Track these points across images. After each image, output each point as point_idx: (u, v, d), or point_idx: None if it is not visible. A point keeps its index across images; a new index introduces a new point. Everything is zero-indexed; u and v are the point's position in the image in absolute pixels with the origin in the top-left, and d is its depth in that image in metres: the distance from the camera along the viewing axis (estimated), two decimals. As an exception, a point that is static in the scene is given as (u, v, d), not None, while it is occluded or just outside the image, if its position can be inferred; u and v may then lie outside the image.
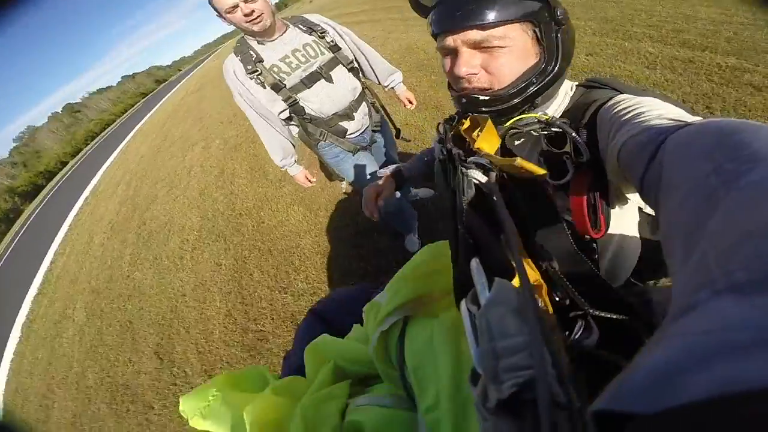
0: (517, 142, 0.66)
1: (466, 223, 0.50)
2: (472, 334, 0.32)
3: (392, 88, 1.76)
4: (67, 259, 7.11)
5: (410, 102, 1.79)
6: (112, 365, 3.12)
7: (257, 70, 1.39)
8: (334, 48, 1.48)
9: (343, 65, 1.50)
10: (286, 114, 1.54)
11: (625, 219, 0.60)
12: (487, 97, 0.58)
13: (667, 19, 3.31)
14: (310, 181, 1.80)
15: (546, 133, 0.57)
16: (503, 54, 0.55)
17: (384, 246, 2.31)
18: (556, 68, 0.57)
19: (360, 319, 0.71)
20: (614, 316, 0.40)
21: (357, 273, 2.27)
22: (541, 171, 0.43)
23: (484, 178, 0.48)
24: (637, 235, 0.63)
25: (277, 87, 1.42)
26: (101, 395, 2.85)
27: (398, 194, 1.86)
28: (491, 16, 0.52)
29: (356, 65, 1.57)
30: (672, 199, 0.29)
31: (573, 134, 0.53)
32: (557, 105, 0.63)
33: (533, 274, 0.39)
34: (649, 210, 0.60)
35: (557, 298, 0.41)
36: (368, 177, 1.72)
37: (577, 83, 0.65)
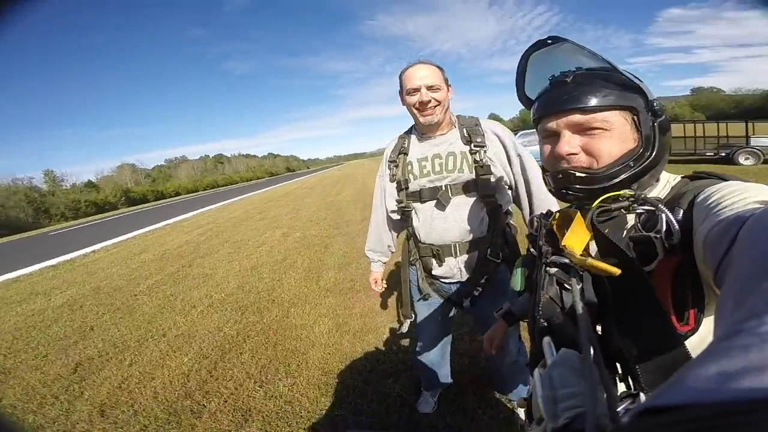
0: (607, 223, 0.61)
1: (543, 315, 0.49)
2: (540, 389, 0.36)
3: None
4: (108, 256, 7.52)
5: None
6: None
7: (396, 161, 1.34)
8: (480, 169, 1.21)
9: (477, 195, 1.22)
10: (398, 216, 1.39)
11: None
12: (583, 175, 0.59)
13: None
14: (377, 287, 1.64)
15: (638, 212, 0.55)
16: (603, 136, 0.58)
17: (393, 394, 1.89)
18: (653, 155, 0.57)
19: None
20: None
21: (349, 406, 1.83)
22: (613, 270, 0.42)
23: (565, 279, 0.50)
24: None
25: (399, 186, 1.32)
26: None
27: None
28: (593, 101, 0.56)
29: (496, 199, 1.24)
30: (733, 269, 0.28)
31: (664, 210, 0.50)
32: (656, 194, 0.61)
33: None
34: None
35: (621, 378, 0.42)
36: (436, 337, 1.49)
37: (683, 175, 0.62)
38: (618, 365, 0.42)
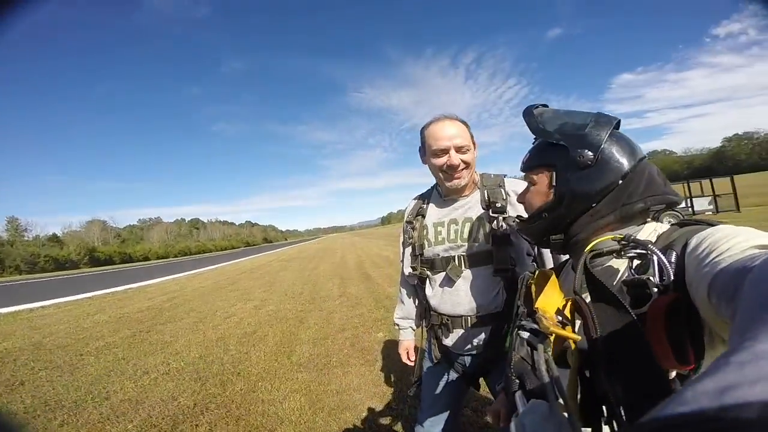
0: (600, 269, 0.62)
1: (515, 372, 0.55)
2: None
3: None
4: (58, 313, 6.83)
5: None
6: None
7: (413, 224, 1.25)
8: (498, 239, 1.10)
9: (492, 267, 1.11)
10: (414, 281, 1.30)
11: None
12: (515, 223, 0.79)
13: None
14: (409, 358, 1.41)
15: (630, 255, 0.56)
16: (530, 191, 0.74)
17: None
18: (564, 208, 0.66)
19: None
20: None
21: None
22: (575, 337, 0.48)
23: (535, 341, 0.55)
24: None
25: (415, 251, 1.23)
26: None
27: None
28: (526, 162, 0.74)
29: (516, 272, 1.10)
30: (740, 312, 0.29)
31: (656, 251, 0.51)
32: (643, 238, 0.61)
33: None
34: None
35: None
36: (441, 410, 1.30)
37: (671, 224, 0.62)
38: (604, 408, 0.43)
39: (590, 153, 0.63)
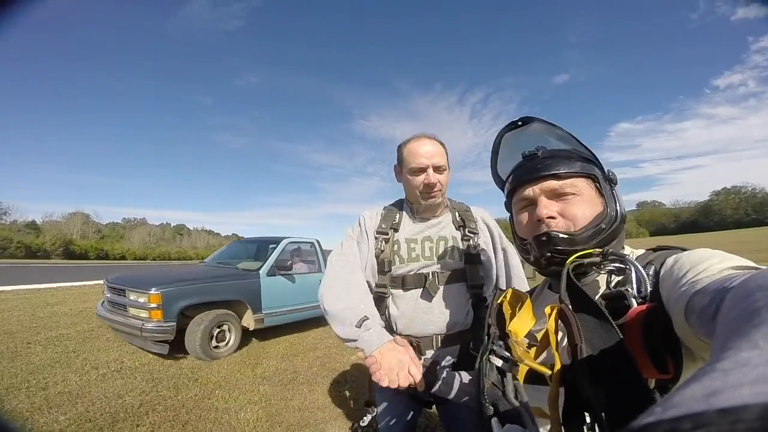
0: (583, 280, 0.62)
1: (489, 400, 0.53)
2: None
3: None
4: (15, 299, 6.42)
5: None
6: None
7: (386, 234, 1.15)
8: (471, 257, 1.12)
9: (466, 285, 1.12)
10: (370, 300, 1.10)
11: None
12: (566, 236, 0.60)
13: None
14: (410, 373, 0.86)
15: (609, 269, 0.57)
16: (575, 201, 0.62)
17: None
18: (619, 217, 0.62)
19: None
20: None
21: None
22: (544, 370, 0.48)
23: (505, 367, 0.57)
24: None
25: (383, 266, 1.13)
26: None
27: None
28: (564, 168, 0.62)
29: (483, 291, 1.14)
30: (720, 328, 0.30)
31: (634, 263, 0.52)
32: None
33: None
34: None
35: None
36: None
37: (645, 248, 0.64)
38: (586, 415, 0.42)
39: (612, 172, 0.66)
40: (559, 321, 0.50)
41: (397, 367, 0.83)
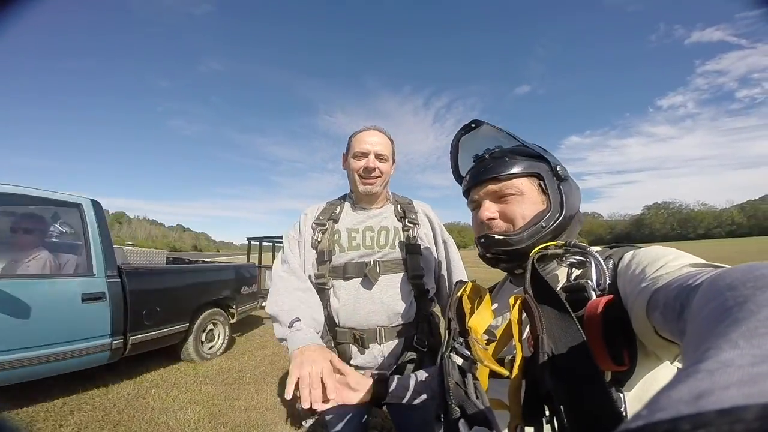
0: (547, 273, 0.64)
1: (455, 401, 0.52)
2: None
3: None
4: None
5: None
6: None
7: (324, 225, 1.17)
8: (411, 247, 1.14)
9: (407, 275, 1.12)
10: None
11: (658, 374, 0.50)
12: (500, 237, 0.64)
13: None
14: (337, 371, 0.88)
15: (571, 261, 0.59)
16: (515, 201, 0.65)
17: None
18: (562, 215, 0.64)
19: None
20: None
21: None
22: (502, 371, 0.50)
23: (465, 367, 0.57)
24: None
25: (322, 256, 1.14)
26: None
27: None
28: (504, 171, 0.65)
29: (424, 282, 1.14)
30: (692, 325, 0.30)
31: (594, 254, 0.55)
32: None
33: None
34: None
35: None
36: None
37: (602, 246, 0.65)
38: (546, 407, 0.43)
39: (561, 166, 0.67)
40: (523, 312, 0.51)
41: (309, 366, 0.80)
